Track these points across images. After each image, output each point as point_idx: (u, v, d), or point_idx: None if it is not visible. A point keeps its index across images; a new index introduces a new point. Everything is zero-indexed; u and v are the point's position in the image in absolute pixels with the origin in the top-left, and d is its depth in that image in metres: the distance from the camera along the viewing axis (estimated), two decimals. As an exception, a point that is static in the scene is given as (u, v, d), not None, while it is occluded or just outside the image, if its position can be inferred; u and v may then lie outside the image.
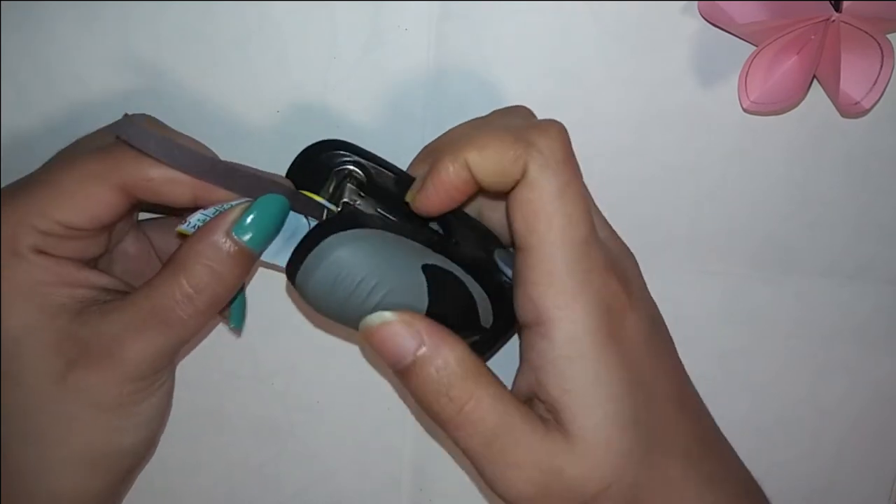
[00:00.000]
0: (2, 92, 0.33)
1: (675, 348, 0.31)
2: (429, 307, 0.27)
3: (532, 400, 0.28)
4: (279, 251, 0.29)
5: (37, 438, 0.28)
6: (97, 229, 0.28)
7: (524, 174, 0.26)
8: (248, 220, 0.27)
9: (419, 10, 0.32)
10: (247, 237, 0.27)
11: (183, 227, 0.28)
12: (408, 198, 0.28)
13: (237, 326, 0.32)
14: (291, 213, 0.28)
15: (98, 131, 0.30)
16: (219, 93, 0.33)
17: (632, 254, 0.31)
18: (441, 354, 0.26)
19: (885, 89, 0.31)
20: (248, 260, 0.28)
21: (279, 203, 0.28)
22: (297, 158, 0.30)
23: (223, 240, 0.27)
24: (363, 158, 0.30)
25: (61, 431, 0.28)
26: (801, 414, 0.38)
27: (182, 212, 0.29)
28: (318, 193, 0.29)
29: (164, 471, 0.37)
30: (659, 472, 0.28)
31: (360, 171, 0.30)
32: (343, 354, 0.36)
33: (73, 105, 0.33)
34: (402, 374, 0.27)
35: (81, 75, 0.33)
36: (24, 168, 0.29)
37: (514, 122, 0.30)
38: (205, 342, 0.36)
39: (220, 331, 0.36)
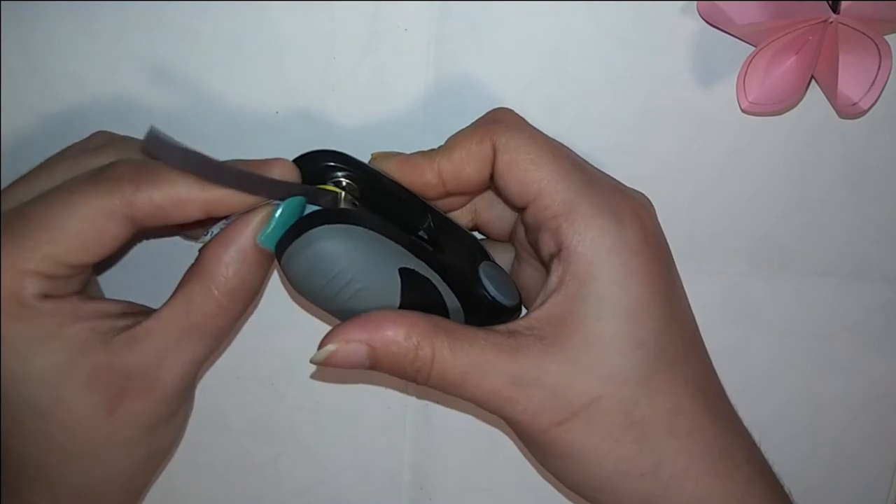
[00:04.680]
0: (1, 93, 0.33)
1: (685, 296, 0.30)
2: (399, 307, 0.28)
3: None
4: None
5: (85, 465, 0.28)
6: (100, 261, 0.27)
7: (494, 150, 0.28)
8: (272, 226, 0.27)
9: (419, 10, 0.32)
10: (270, 242, 0.28)
11: (207, 239, 0.28)
12: (374, 155, 0.30)
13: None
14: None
15: (90, 140, 0.30)
16: (218, 94, 0.33)
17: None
18: (389, 341, 0.27)
19: (882, 90, 0.31)
20: (271, 260, 0.28)
21: (300, 204, 0.28)
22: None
23: (250, 248, 0.27)
24: (357, 170, 0.29)
25: (112, 455, 0.28)
26: (799, 412, 0.38)
27: (186, 227, 0.29)
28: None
29: (165, 471, 0.37)
30: (667, 399, 0.28)
31: (354, 184, 0.29)
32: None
33: (71, 106, 0.33)
34: (374, 369, 0.28)
35: (79, 76, 0.33)
36: (21, 169, 0.29)
37: None
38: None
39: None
